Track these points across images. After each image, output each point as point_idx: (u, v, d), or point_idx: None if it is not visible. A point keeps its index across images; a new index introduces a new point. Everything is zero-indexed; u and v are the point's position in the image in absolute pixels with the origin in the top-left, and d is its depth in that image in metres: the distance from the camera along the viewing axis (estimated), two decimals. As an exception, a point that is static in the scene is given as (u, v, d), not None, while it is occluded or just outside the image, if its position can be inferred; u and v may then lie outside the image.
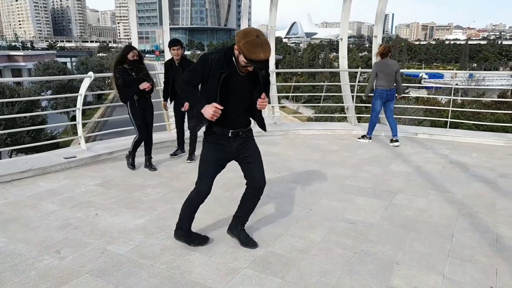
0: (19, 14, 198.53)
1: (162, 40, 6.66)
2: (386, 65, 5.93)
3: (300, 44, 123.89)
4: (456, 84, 21.68)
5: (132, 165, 4.77)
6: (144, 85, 4.48)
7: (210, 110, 2.48)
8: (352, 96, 7.22)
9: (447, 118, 6.90)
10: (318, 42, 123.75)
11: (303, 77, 45.57)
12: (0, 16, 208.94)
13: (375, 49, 7.19)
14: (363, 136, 6.31)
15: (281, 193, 4.01)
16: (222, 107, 2.51)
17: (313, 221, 3.34)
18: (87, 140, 6.49)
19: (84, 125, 5.68)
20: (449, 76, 50.03)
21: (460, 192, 4.05)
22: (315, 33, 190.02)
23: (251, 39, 2.28)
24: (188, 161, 5.18)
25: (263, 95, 2.58)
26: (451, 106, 7.32)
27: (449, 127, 6.86)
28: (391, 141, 6.06)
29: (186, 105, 5.01)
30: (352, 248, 2.87)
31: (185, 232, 2.93)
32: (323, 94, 11.19)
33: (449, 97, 8.56)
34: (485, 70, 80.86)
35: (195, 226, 3.00)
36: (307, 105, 28.42)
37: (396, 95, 6.05)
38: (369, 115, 6.35)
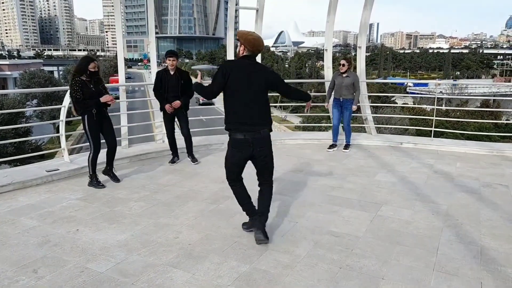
0: (6, 23, 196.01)
1: (149, 49, 6.63)
2: None
3: (288, 53, 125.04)
4: (440, 93, 22.08)
5: (100, 185, 4.48)
6: (107, 98, 4.36)
7: None
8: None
9: (432, 127, 7.00)
10: (305, 51, 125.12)
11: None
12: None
13: (359, 60, 7.29)
14: (347, 146, 6.36)
15: (267, 205, 3.97)
16: None
17: (298, 235, 3.31)
18: (72, 151, 6.35)
19: (67, 137, 5.57)
20: (433, 84, 51.06)
21: (445, 203, 4.08)
22: (302, 42, 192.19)
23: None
24: (196, 163, 5.45)
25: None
26: (435, 115, 7.43)
27: (434, 136, 6.95)
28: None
29: (176, 103, 5.17)
30: (337, 263, 2.85)
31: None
32: (313, 104, 11.20)
33: (433, 106, 8.71)
34: (467, 78, 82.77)
35: (178, 241, 2.94)
36: (295, 115, 28.57)
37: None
38: (331, 124, 6.64)
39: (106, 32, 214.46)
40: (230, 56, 6.85)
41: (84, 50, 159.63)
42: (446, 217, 3.72)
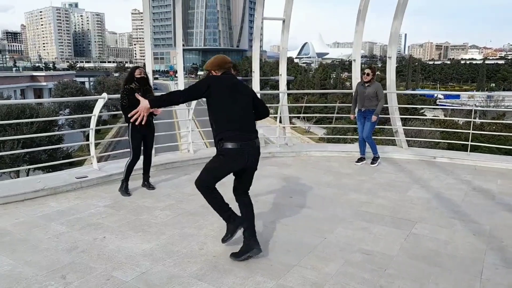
0: (44, 37, 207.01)
1: (176, 61, 6.75)
2: None
3: (312, 64, 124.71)
4: (474, 105, 21.19)
5: (127, 192, 4.55)
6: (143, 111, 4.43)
7: None
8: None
9: (467, 140, 6.66)
10: (330, 62, 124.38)
11: (315, 97, 45.59)
12: (27, 39, 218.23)
13: (389, 70, 7.10)
14: (374, 159, 6.10)
15: (293, 219, 3.87)
16: None
17: (327, 251, 3.17)
18: (100, 159, 6.49)
19: (97, 144, 5.69)
20: (466, 96, 49.19)
21: (487, 223, 3.81)
22: (327, 53, 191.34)
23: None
24: None
25: None
26: (471, 128, 7.07)
27: (470, 151, 6.61)
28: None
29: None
30: (369, 283, 2.69)
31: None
32: (338, 115, 11.03)
33: (468, 119, 8.33)
34: (504, 90, 79.31)
35: (202, 253, 2.87)
36: (319, 126, 28.24)
37: None
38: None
39: (135, 44, 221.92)
40: (256, 66, 6.85)
41: (113, 62, 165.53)
42: (490, 238, 3.46)
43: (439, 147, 16.06)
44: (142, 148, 4.66)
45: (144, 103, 2.87)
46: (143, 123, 2.99)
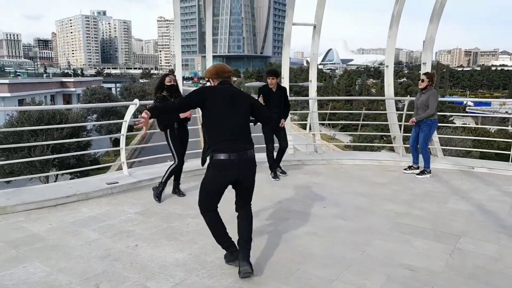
0: (73, 44, 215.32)
1: (200, 67, 6.76)
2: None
3: (336, 71, 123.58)
4: (506, 112, 20.27)
5: (158, 198, 4.51)
6: (185, 114, 4.45)
7: None
8: (400, 125, 6.83)
9: (502, 149, 6.29)
10: (355, 69, 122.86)
11: (340, 103, 45.04)
12: (57, 46, 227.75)
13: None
14: (423, 172, 5.73)
15: (328, 230, 3.72)
16: None
17: (367, 266, 3.01)
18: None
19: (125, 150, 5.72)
20: (497, 103, 47.19)
21: (537, 238, 3.55)
22: (351, 60, 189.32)
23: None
24: (285, 175, 5.67)
25: None
26: None
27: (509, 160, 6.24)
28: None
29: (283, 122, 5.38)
30: (417, 302, 2.52)
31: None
32: (364, 122, 10.76)
33: (506, 127, 7.92)
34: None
35: (236, 264, 2.77)
36: (344, 133, 27.76)
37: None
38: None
39: (160, 51, 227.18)
40: (285, 73, 6.75)
41: (139, 68, 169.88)
42: (543, 255, 3.21)
43: (471, 155, 15.42)
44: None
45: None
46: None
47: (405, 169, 5.95)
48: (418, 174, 5.73)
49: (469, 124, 29.31)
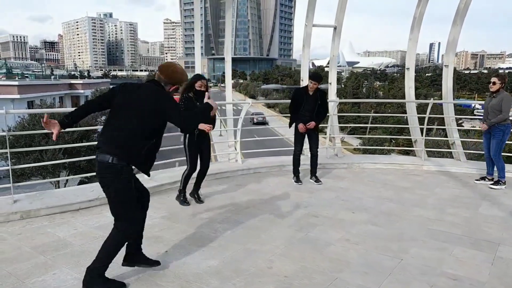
0: (79, 46, 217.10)
1: (207, 70, 6.70)
2: None
3: (342, 73, 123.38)
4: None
5: (186, 202, 4.48)
6: (204, 126, 4.22)
7: None
8: (421, 129, 6.71)
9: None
10: (361, 71, 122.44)
11: (347, 106, 44.87)
12: (63, 48, 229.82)
13: (446, 79, 6.74)
14: (497, 182, 5.33)
15: (360, 236, 3.62)
16: None
17: (407, 275, 2.91)
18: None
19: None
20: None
21: None
22: (357, 62, 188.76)
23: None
24: (319, 183, 5.38)
25: None
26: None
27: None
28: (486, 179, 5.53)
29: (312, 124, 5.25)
30: (468, 315, 2.41)
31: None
32: (369, 125, 10.62)
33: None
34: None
35: (272, 272, 2.67)
36: (353, 136, 27.57)
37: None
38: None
39: (166, 53, 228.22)
40: (305, 74, 6.67)
41: (145, 70, 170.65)
42: None
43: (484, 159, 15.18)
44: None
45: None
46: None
47: (476, 180, 5.57)
48: (492, 184, 5.33)
49: (479, 127, 28.96)
